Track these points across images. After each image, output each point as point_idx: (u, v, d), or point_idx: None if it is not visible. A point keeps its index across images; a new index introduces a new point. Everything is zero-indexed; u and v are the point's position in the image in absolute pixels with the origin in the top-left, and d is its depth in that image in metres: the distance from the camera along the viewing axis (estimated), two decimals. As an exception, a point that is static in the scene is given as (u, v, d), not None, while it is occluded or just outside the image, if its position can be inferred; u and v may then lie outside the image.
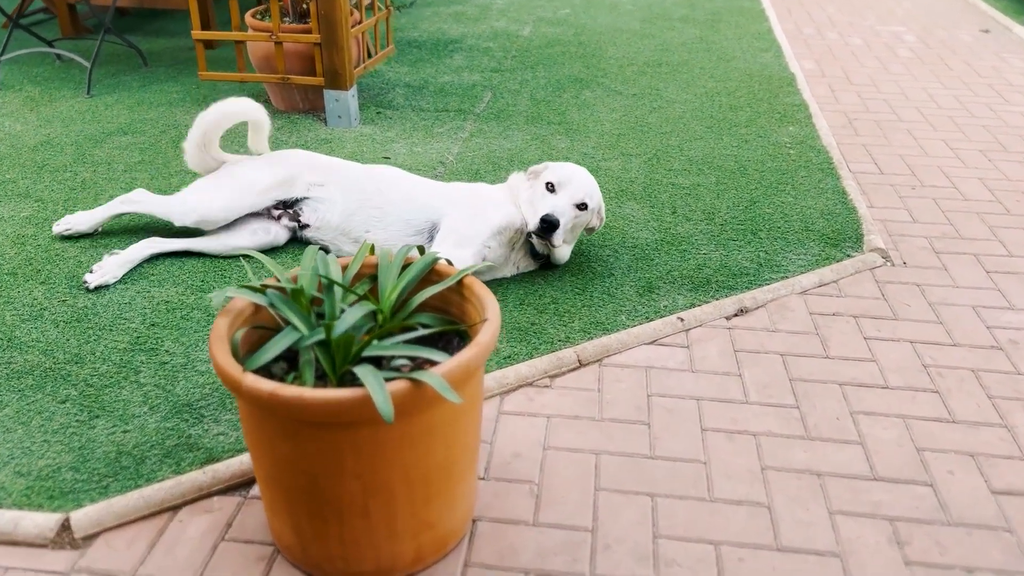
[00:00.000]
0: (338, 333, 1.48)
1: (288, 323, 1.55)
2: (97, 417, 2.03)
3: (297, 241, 2.86)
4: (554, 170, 2.63)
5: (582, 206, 2.58)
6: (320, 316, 1.62)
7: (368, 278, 1.78)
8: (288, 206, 2.81)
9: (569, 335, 2.39)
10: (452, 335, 1.73)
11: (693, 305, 2.57)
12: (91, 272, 2.56)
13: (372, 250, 1.84)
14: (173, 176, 3.34)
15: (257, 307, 1.63)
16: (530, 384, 2.22)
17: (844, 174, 3.54)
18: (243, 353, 1.60)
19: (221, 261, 2.72)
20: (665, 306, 2.55)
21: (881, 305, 2.64)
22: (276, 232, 2.79)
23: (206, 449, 1.93)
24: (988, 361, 2.37)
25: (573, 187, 2.57)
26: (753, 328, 2.49)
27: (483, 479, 1.90)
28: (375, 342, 1.52)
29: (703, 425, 2.08)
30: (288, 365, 1.59)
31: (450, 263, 1.82)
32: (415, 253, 1.86)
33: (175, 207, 2.75)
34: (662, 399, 2.18)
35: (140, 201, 2.83)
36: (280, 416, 1.44)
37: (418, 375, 1.41)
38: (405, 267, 1.76)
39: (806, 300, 2.65)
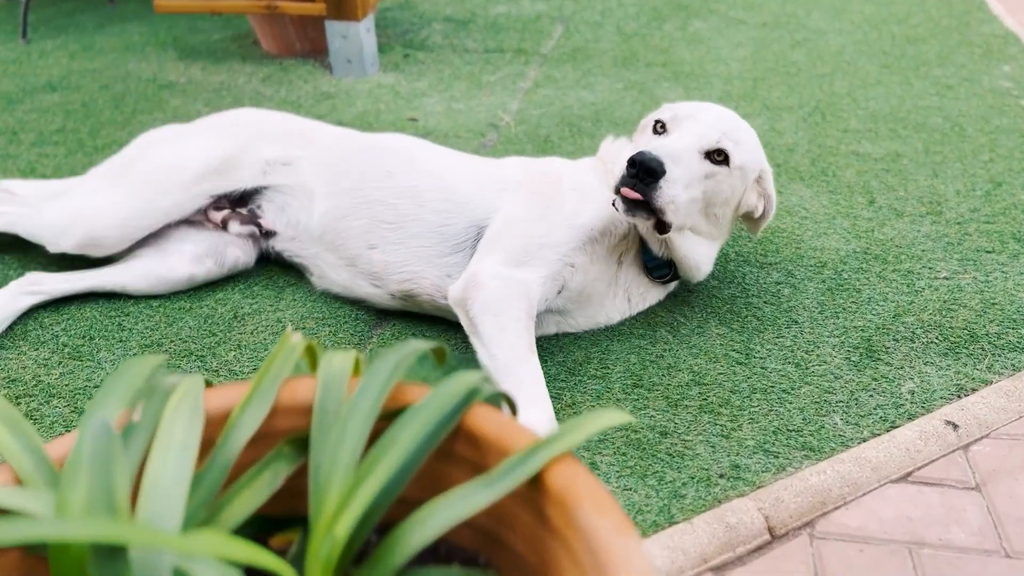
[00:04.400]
0: None
1: None
2: None
3: (273, 261, 1.75)
4: (668, 107, 1.48)
5: (718, 156, 1.39)
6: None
7: (287, 444, 0.66)
8: (237, 203, 1.69)
9: (737, 461, 1.24)
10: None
11: (960, 390, 1.38)
12: None
13: (311, 355, 0.72)
14: (99, 152, 2.26)
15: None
16: (674, 586, 1.08)
17: (1122, 135, 2.26)
18: None
19: (127, 302, 1.64)
20: (911, 392, 1.37)
21: None
22: (235, 257, 1.67)
23: None
24: None
25: (698, 123, 1.40)
26: (1093, 442, 1.30)
27: None
28: None
29: None
30: None
31: (511, 406, 0.69)
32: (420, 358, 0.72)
33: (48, 219, 1.61)
34: (967, 638, 1.01)
35: (5, 212, 1.68)
36: None
37: None
38: (389, 415, 0.64)
39: None
